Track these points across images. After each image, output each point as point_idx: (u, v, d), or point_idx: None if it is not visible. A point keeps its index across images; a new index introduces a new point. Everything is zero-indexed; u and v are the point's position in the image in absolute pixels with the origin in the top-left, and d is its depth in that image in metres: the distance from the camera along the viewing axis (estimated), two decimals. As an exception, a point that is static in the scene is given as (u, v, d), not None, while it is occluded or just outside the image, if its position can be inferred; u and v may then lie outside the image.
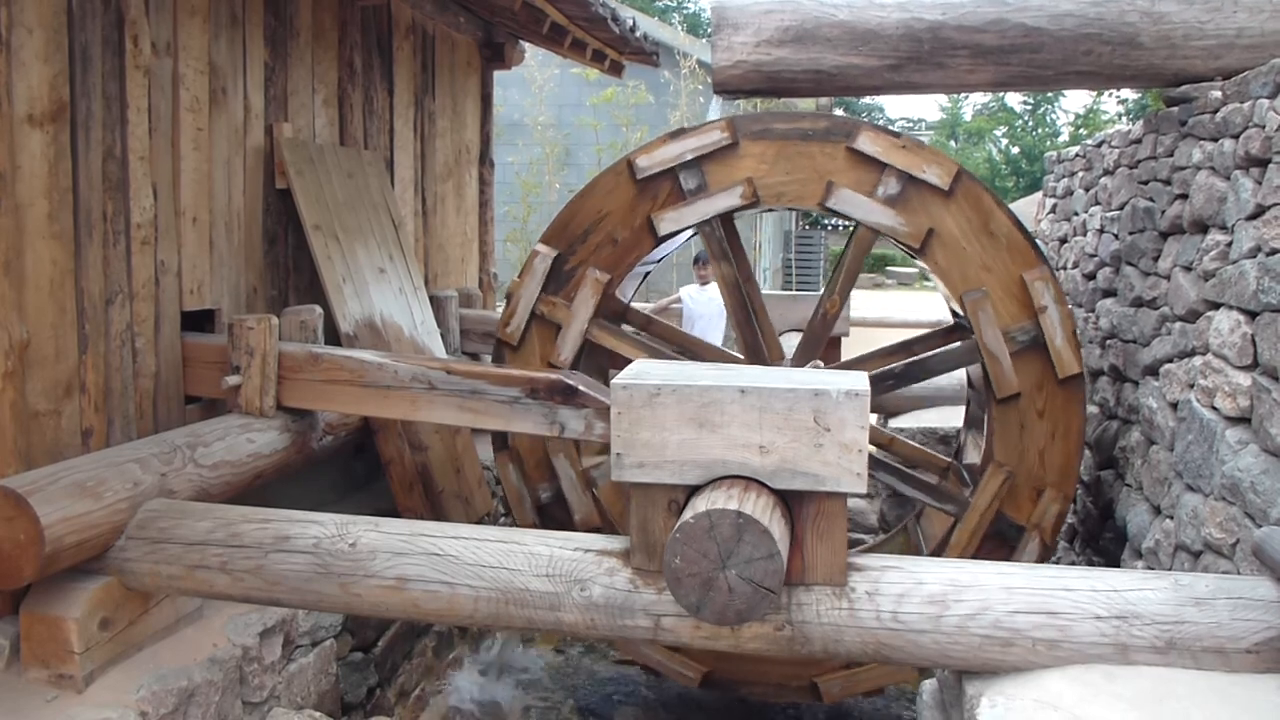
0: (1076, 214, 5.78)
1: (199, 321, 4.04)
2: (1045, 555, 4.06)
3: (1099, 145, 5.39)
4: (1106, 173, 5.16)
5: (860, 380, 2.73)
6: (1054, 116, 35.70)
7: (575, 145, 12.47)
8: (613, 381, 2.71)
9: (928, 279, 27.94)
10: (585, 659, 5.26)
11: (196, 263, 3.95)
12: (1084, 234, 5.50)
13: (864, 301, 13.88)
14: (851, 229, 4.23)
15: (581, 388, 3.60)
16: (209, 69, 3.94)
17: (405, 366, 3.69)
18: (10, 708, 2.80)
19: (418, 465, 4.61)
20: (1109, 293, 5.01)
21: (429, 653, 4.74)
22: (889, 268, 28.88)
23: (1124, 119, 28.35)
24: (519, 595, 2.78)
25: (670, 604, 2.71)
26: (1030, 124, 36.07)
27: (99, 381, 3.43)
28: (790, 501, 2.69)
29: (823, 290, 4.36)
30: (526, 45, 6.96)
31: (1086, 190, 5.62)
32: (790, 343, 5.87)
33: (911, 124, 41.80)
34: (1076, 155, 5.90)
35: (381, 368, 3.71)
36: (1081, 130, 31.61)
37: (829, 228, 25.33)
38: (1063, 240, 6.25)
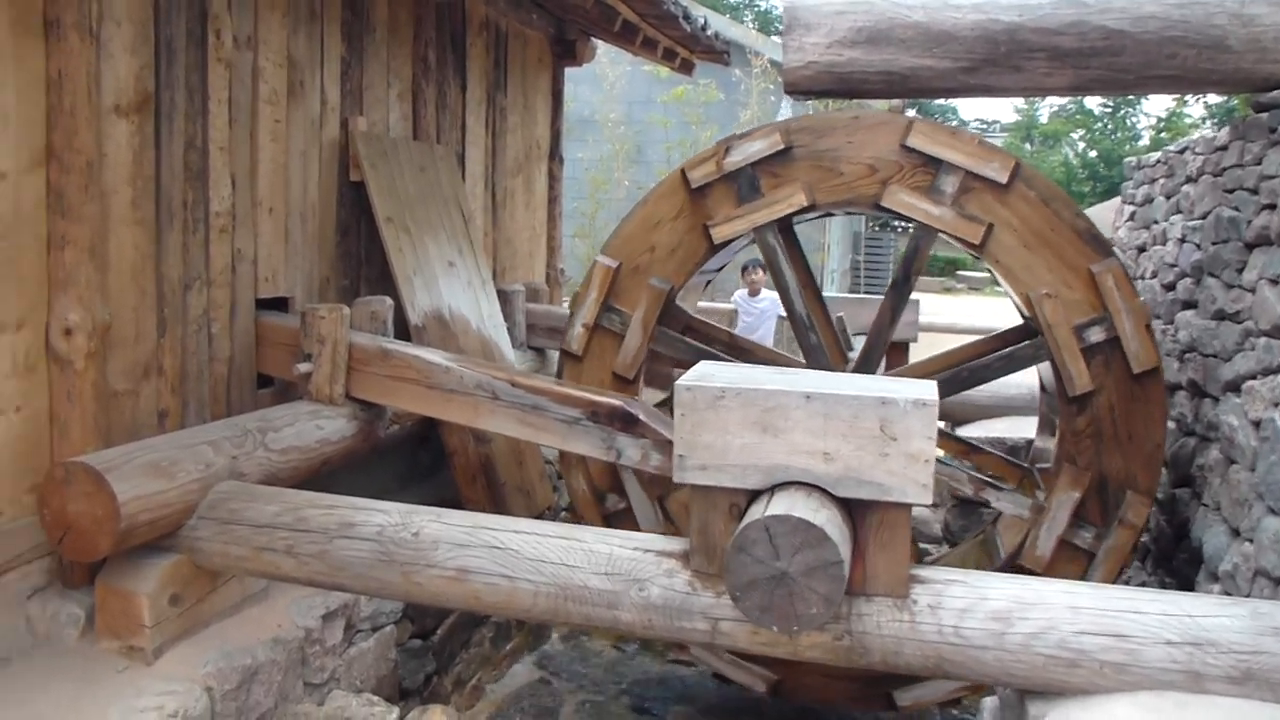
0: (1156, 222, 5.62)
1: (272, 309, 4.12)
2: (1122, 564, 3.94)
3: (1182, 152, 5.23)
4: (1189, 180, 5.00)
5: (929, 389, 2.69)
6: (1134, 120, 34.76)
7: (645, 142, 12.48)
8: (676, 383, 2.71)
9: (999, 284, 27.46)
10: (640, 657, 5.26)
11: (271, 251, 4.03)
12: (1164, 243, 5.34)
13: (933, 306, 13.64)
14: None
15: (642, 416, 3.57)
16: (287, 62, 4.02)
17: (471, 373, 3.72)
18: (84, 676, 2.89)
19: (481, 457, 4.66)
20: (1189, 304, 4.87)
21: (486, 643, 4.79)
22: (960, 272, 28.40)
23: (1208, 124, 27.52)
24: (578, 592, 2.79)
25: (729, 608, 2.70)
26: (1109, 127, 35.18)
27: (175, 364, 3.52)
28: (853, 510, 2.66)
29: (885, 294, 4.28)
30: (599, 42, 6.98)
31: (1168, 198, 5.46)
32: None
33: (985, 126, 41.08)
34: (1158, 161, 5.74)
35: (448, 371, 3.74)
36: (1163, 134, 30.72)
37: (899, 229, 24.94)
38: (1141, 249, 6.08)
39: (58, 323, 3.02)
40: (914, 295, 5.65)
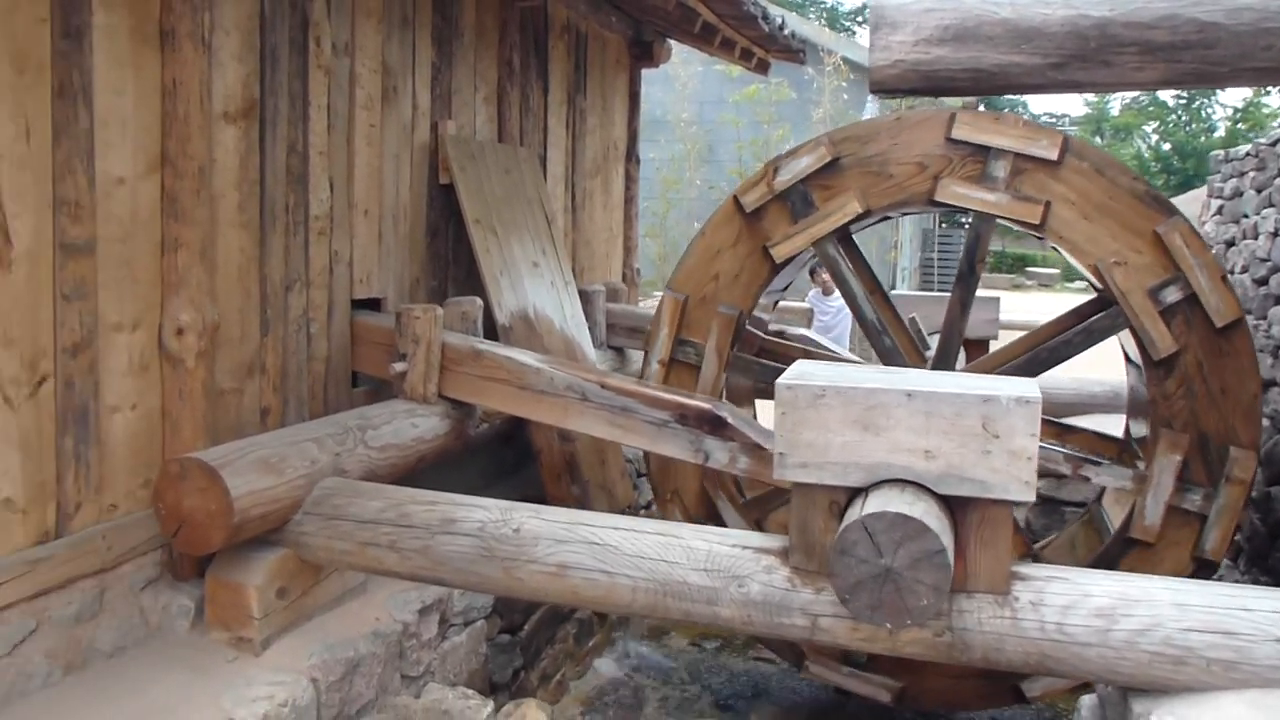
0: (1246, 216, 5.49)
1: (365, 310, 4.21)
2: (1236, 523, 3.82)
3: (1274, 144, 5.11)
4: (1286, 174, 4.89)
5: (1031, 387, 2.67)
6: (1210, 111, 33.87)
7: (716, 141, 12.49)
8: (777, 381, 2.72)
9: (1070, 280, 26.88)
10: (721, 654, 5.28)
11: (366, 253, 4.13)
12: (1254, 237, 5.22)
13: (1005, 303, 13.42)
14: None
15: (730, 420, 3.60)
16: (382, 68, 4.11)
17: (562, 375, 3.77)
18: (195, 666, 2.99)
19: (565, 455, 4.71)
20: (1284, 301, 4.77)
21: (570, 639, 4.84)
22: (1029, 268, 27.93)
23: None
24: (677, 588, 2.82)
25: (828, 604, 2.71)
26: (1184, 119, 34.32)
27: (277, 363, 3.62)
28: (954, 508, 2.65)
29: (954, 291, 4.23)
30: (672, 43, 7.01)
31: (1259, 191, 5.34)
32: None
33: (1055, 119, 40.27)
34: (1247, 154, 5.61)
35: (539, 373, 3.80)
36: (1240, 125, 29.91)
37: (968, 224, 24.62)
38: (1230, 244, 5.95)
39: (170, 323, 3.13)
40: (992, 293, 5.57)
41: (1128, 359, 4.90)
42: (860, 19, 30.46)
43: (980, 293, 4.57)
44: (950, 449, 2.60)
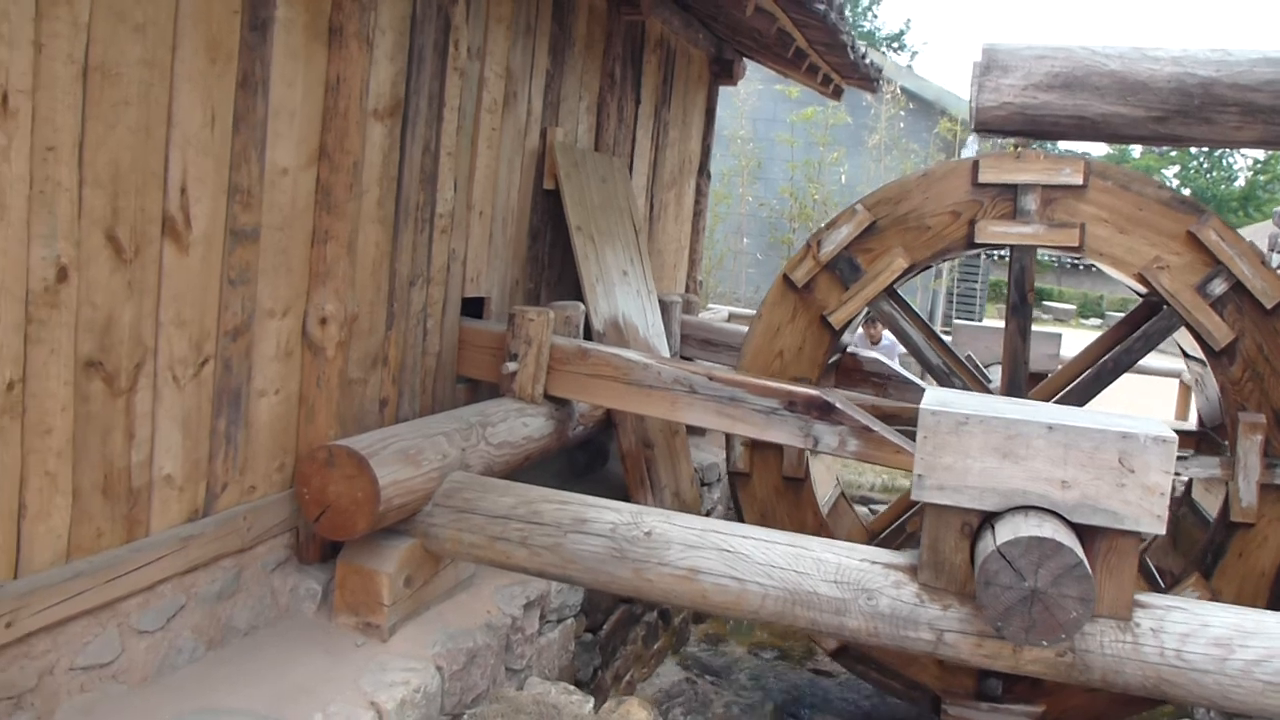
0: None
1: (471, 308, 4.31)
2: None
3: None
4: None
5: (1165, 428, 2.78)
6: (1231, 160, 34.11)
7: (768, 160, 12.61)
8: (921, 407, 2.82)
9: (1085, 316, 27.00)
10: (779, 664, 5.37)
11: (478, 253, 4.22)
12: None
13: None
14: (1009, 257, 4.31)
15: (839, 405, 3.74)
16: (506, 74, 4.21)
17: (669, 369, 3.88)
18: (326, 648, 3.07)
19: (647, 459, 4.80)
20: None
21: (639, 641, 4.92)
22: (1045, 302, 28.08)
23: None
24: (806, 597, 2.91)
25: (954, 620, 2.81)
26: (1205, 166, 34.54)
27: (398, 356, 3.71)
28: (1083, 536, 2.75)
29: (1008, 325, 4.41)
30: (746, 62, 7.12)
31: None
32: (995, 374, 5.87)
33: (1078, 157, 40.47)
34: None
35: (646, 368, 3.90)
36: (1260, 176, 30.11)
37: (989, 255, 24.72)
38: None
39: (315, 312, 3.22)
40: (1051, 329, 5.68)
41: (1187, 356, 5.06)
42: (897, 45, 30.65)
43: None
44: (1086, 480, 2.71)
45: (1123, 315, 4.98)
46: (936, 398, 2.92)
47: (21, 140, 2.25)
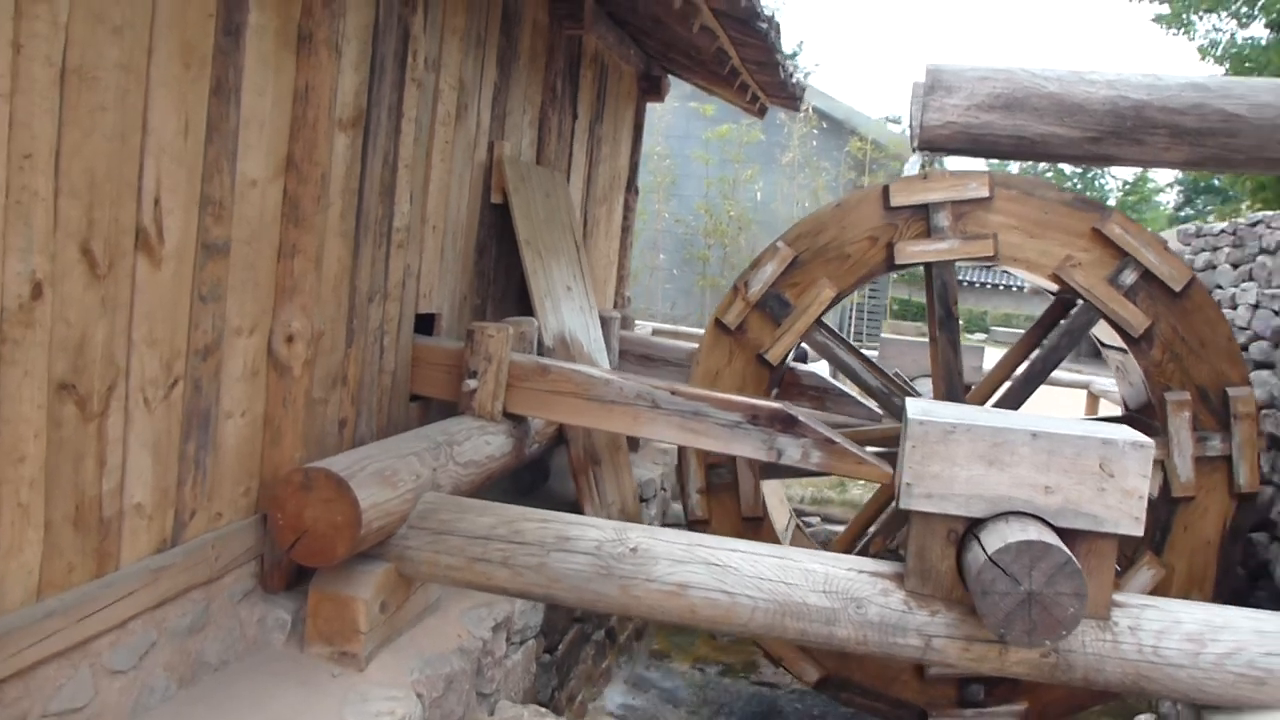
0: (1220, 287, 5.94)
1: (421, 325, 4.21)
2: (1258, 452, 4.23)
3: (1254, 225, 5.59)
4: (1265, 251, 5.34)
5: (1141, 435, 2.89)
6: (1104, 182, 36.02)
7: (682, 176, 12.69)
8: (909, 416, 2.87)
9: (971, 331, 28.05)
10: (724, 679, 5.38)
11: (430, 268, 4.12)
12: (1233, 308, 5.66)
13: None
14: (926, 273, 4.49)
15: (801, 418, 3.78)
16: (459, 85, 4.14)
17: (631, 384, 3.86)
18: (302, 680, 2.93)
19: (596, 476, 4.76)
20: (1264, 365, 5.19)
21: (589, 660, 4.87)
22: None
23: (1173, 189, 28.71)
24: (796, 608, 2.92)
25: (942, 626, 2.87)
26: (1079, 187, 36.35)
27: (357, 374, 3.59)
28: (1065, 538, 2.84)
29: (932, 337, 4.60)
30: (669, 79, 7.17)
31: (1235, 266, 5.80)
32: (920, 388, 6.04)
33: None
34: (1222, 231, 6.09)
35: (608, 384, 3.87)
36: (1130, 197, 31.89)
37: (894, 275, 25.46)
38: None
39: (281, 329, 3.09)
40: (974, 343, 5.91)
41: (1105, 345, 5.32)
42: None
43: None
44: (1069, 485, 2.81)
45: (1007, 329, 5.22)
46: (920, 408, 2.98)
47: (-2, 147, 2.10)
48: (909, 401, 3.10)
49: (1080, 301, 4.39)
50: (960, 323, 4.71)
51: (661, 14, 4.72)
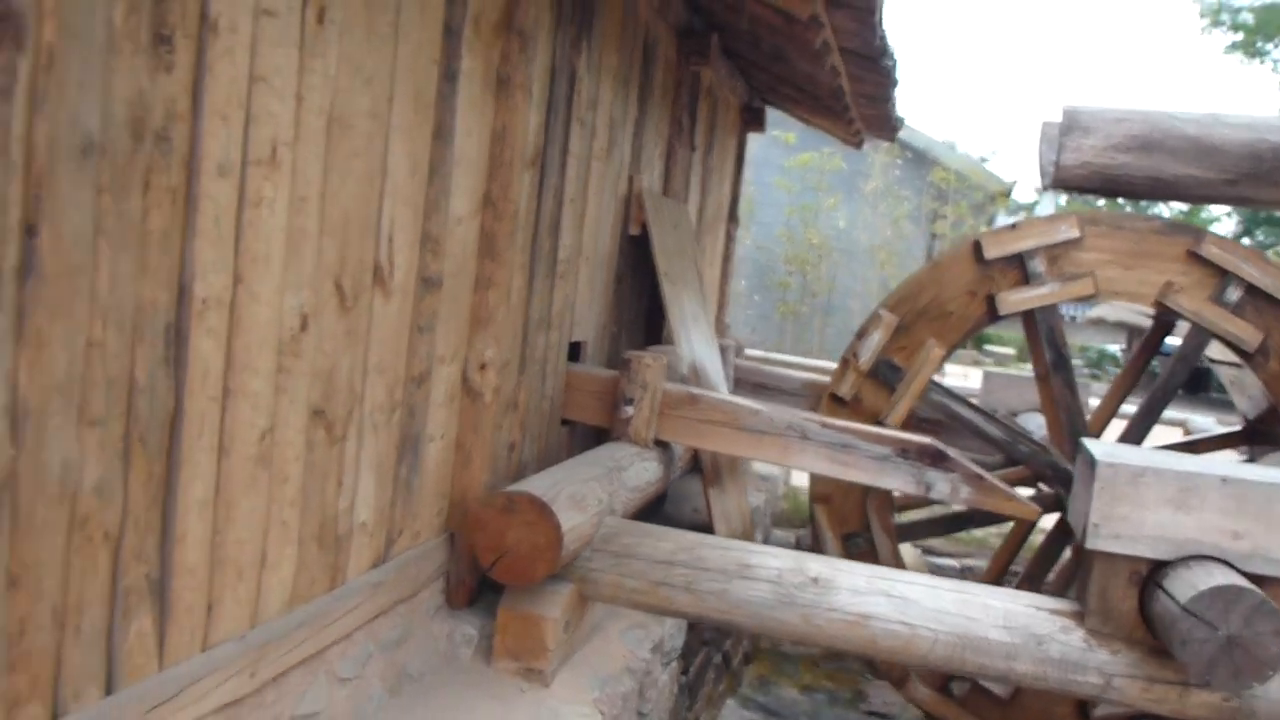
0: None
1: (570, 353, 4.33)
2: None
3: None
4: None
5: None
6: (1156, 211, 35.85)
7: (762, 204, 12.81)
8: (1099, 459, 2.95)
9: (1023, 360, 27.94)
10: (832, 706, 5.45)
11: (583, 298, 4.26)
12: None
13: (976, 379, 13.98)
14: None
15: (951, 454, 3.85)
16: (610, 122, 4.28)
17: (780, 415, 3.96)
18: (491, 693, 3.05)
19: (722, 500, 4.86)
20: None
21: (710, 683, 4.96)
22: (985, 345, 28.93)
23: (1231, 217, 28.60)
24: (977, 642, 3.00)
25: (1122, 665, 2.93)
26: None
27: (525, 400, 3.73)
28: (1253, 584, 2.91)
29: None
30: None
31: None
32: (1032, 422, 6.10)
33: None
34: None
35: (757, 414, 3.98)
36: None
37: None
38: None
39: (475, 358, 3.23)
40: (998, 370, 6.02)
41: (1216, 362, 5.37)
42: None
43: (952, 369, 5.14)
44: (1259, 531, 2.87)
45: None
46: (1104, 451, 3.06)
47: (284, 191, 2.24)
48: (1089, 443, 3.18)
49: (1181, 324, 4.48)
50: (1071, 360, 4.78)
51: (793, 52, 4.85)
